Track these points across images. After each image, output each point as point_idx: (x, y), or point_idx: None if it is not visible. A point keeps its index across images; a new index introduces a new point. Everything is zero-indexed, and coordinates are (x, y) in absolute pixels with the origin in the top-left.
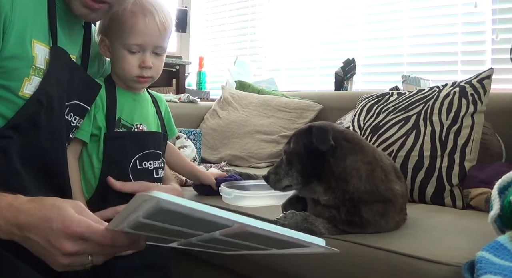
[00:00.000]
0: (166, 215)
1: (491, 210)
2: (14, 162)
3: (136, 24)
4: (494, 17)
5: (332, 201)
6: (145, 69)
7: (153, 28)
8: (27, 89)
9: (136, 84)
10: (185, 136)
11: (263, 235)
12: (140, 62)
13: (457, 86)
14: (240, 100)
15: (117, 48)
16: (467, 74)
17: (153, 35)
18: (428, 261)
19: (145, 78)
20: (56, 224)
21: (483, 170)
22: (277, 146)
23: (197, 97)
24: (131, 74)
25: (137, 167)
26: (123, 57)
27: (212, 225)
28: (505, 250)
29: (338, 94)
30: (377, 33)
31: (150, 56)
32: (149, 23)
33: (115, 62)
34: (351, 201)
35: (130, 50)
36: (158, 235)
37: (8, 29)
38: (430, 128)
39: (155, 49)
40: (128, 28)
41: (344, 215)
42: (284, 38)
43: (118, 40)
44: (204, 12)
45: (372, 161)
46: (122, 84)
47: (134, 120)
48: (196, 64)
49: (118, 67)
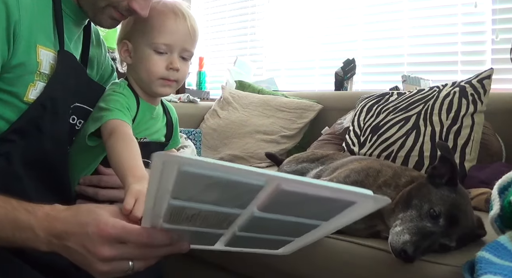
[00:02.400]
0: (193, 182)
1: (491, 210)
2: (16, 165)
3: (166, 23)
4: (494, 17)
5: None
6: (172, 72)
7: (184, 29)
8: (32, 95)
9: (159, 88)
10: (185, 136)
11: (302, 195)
12: (168, 63)
13: (457, 86)
14: (240, 100)
15: (142, 49)
16: (467, 74)
17: (183, 36)
18: (428, 261)
19: (170, 81)
20: (92, 228)
21: (483, 170)
22: (277, 145)
23: (197, 97)
24: (156, 75)
25: None
26: (149, 58)
27: (246, 191)
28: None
29: (338, 94)
30: (377, 33)
31: (177, 59)
32: (180, 24)
33: (138, 65)
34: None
35: (157, 50)
36: (198, 228)
37: (18, 36)
38: (430, 128)
39: (182, 52)
40: (157, 26)
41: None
42: (284, 38)
43: (144, 39)
44: (204, 12)
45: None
46: (144, 94)
47: (141, 134)
48: (196, 64)
49: (143, 69)
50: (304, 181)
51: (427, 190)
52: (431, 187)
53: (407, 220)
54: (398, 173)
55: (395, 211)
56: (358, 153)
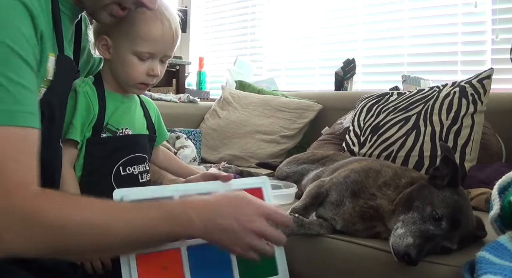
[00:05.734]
0: None
1: (491, 210)
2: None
3: (152, 31)
4: (494, 17)
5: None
6: (151, 77)
7: (169, 38)
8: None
9: (136, 90)
10: (185, 136)
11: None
12: (149, 70)
13: (457, 86)
14: (240, 100)
15: (125, 53)
16: (467, 74)
17: (167, 44)
18: (427, 261)
19: (148, 85)
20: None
21: (483, 170)
22: (277, 145)
23: (197, 97)
24: (136, 80)
25: (121, 173)
26: (131, 63)
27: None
28: (505, 250)
29: (338, 94)
30: (377, 33)
31: (158, 64)
32: (166, 31)
33: (118, 65)
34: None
35: (140, 57)
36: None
37: (44, 47)
38: (430, 128)
39: (164, 57)
40: (143, 34)
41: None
42: (284, 38)
43: (128, 44)
44: (204, 12)
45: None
46: (112, 86)
47: (121, 124)
48: (196, 64)
49: (122, 71)
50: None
51: (429, 191)
52: (433, 189)
53: (409, 222)
54: (398, 173)
55: (395, 212)
56: (358, 153)
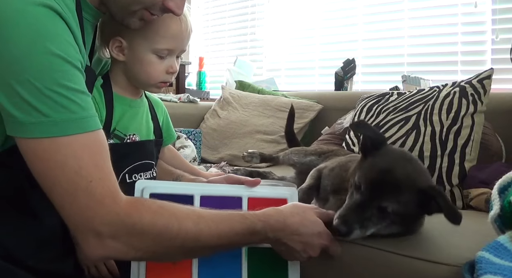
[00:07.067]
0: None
1: (491, 210)
2: (21, 179)
3: (170, 28)
4: (494, 17)
5: None
6: (170, 75)
7: (185, 33)
8: None
9: (155, 90)
10: (185, 136)
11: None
12: (168, 67)
13: (457, 86)
14: (240, 100)
15: (143, 52)
16: (467, 74)
17: (184, 40)
18: (428, 261)
19: (167, 83)
20: (315, 239)
21: (483, 170)
22: (277, 146)
23: (197, 97)
24: (156, 79)
25: (126, 181)
26: (150, 62)
27: None
28: (505, 250)
29: (338, 94)
30: (377, 33)
31: (175, 61)
32: (183, 27)
33: (136, 66)
34: None
35: (159, 55)
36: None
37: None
38: (430, 129)
39: (180, 53)
40: (162, 31)
41: None
42: (284, 38)
43: (146, 43)
44: (204, 12)
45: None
46: (122, 88)
47: (129, 130)
48: (196, 64)
49: (142, 71)
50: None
51: (354, 165)
52: (359, 161)
53: (343, 203)
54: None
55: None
56: (358, 153)
